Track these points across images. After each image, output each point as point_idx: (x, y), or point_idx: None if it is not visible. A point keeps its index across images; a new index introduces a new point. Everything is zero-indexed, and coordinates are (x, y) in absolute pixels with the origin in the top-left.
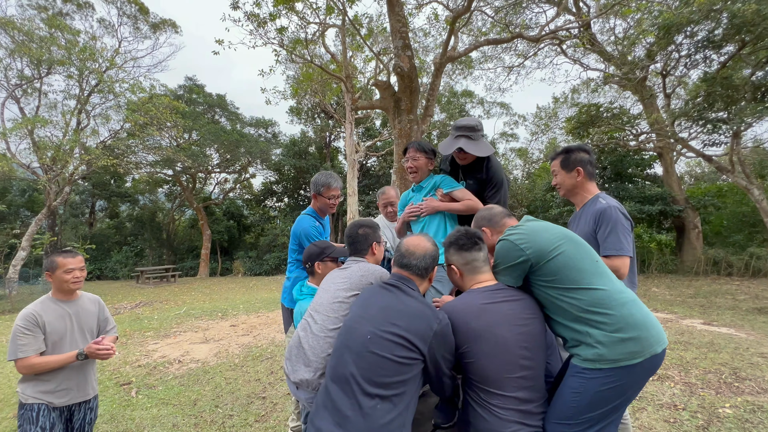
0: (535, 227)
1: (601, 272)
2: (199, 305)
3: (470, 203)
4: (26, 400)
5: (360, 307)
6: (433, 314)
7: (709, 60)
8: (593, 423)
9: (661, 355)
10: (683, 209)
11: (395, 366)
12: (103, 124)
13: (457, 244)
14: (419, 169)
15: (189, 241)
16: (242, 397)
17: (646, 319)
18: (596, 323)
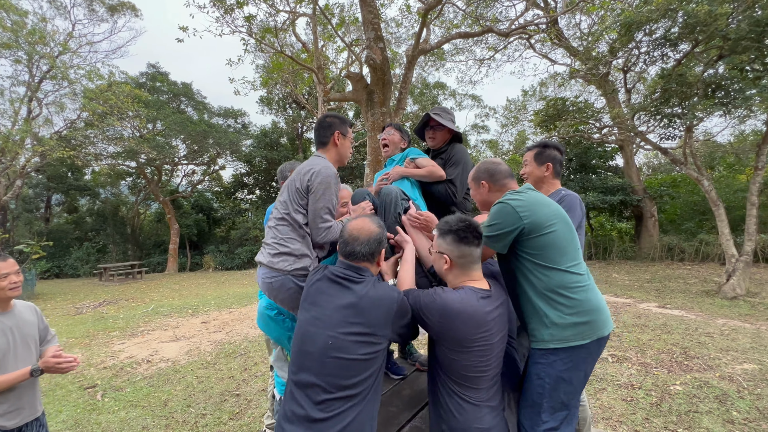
0: (536, 198)
1: (578, 257)
2: (168, 302)
3: (432, 169)
4: None
5: (313, 308)
6: (389, 296)
7: (666, 57)
8: (561, 407)
9: (606, 337)
10: (641, 199)
11: (361, 364)
12: (58, 113)
13: (458, 235)
14: (391, 144)
15: (156, 236)
16: (215, 395)
17: (598, 306)
18: (556, 304)
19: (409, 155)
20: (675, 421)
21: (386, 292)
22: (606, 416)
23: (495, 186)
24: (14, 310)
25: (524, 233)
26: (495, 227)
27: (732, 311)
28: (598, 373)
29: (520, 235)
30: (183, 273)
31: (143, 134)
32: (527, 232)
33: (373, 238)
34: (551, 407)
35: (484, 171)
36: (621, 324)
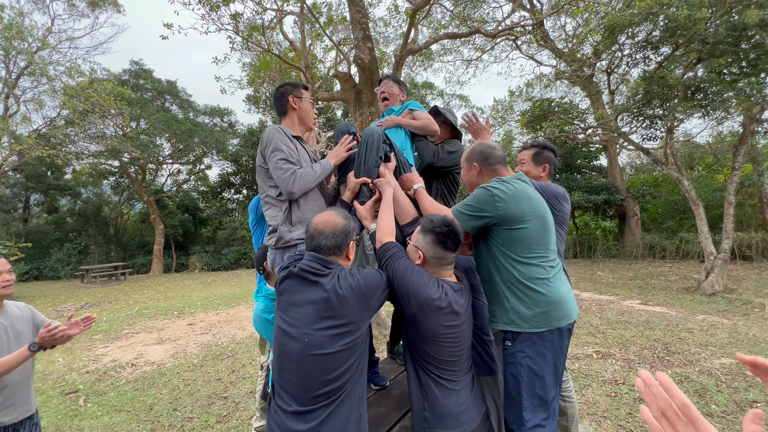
0: (519, 192)
1: (547, 252)
2: (153, 304)
3: (428, 122)
4: None
5: (287, 308)
6: (358, 283)
7: (647, 60)
8: (541, 404)
9: (564, 329)
10: (624, 198)
11: (341, 356)
12: (36, 110)
13: (438, 238)
14: (391, 96)
15: (140, 237)
16: (202, 398)
17: (559, 299)
18: (520, 294)
19: (409, 107)
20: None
21: (354, 279)
22: (591, 412)
23: (486, 170)
24: (6, 309)
25: (496, 223)
26: (470, 208)
27: (711, 307)
28: (584, 369)
29: (491, 223)
30: (168, 274)
31: (126, 133)
32: (498, 223)
33: (338, 230)
34: (531, 404)
35: (478, 153)
36: (605, 321)
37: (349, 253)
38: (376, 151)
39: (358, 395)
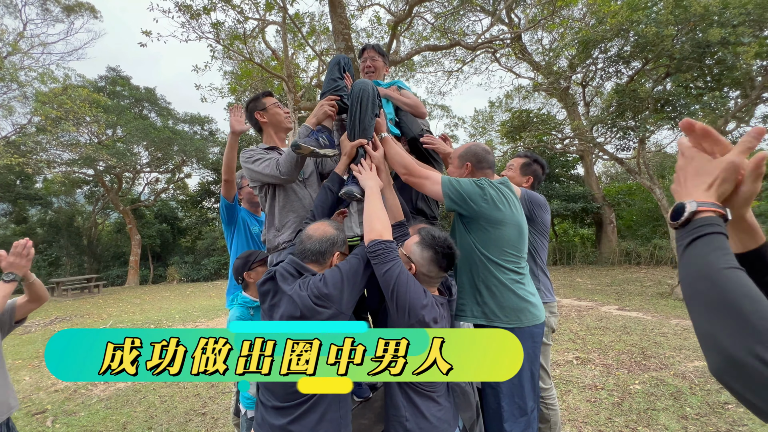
0: (503, 197)
1: (518, 259)
2: (129, 317)
3: (417, 101)
4: None
5: (270, 309)
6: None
7: (620, 73)
8: (520, 412)
9: (535, 329)
10: (601, 206)
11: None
12: (6, 116)
13: (436, 257)
14: (377, 69)
15: (115, 247)
16: (179, 415)
17: (527, 301)
18: (494, 291)
19: (398, 84)
20: (635, 419)
21: (309, 290)
22: (572, 418)
23: (477, 172)
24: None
25: (474, 215)
26: (459, 190)
27: (684, 311)
28: (564, 375)
29: (467, 215)
30: (145, 286)
31: (102, 140)
32: (475, 218)
33: (326, 238)
34: (512, 415)
35: (473, 154)
36: (585, 327)
37: (333, 264)
38: (372, 107)
39: (338, 397)
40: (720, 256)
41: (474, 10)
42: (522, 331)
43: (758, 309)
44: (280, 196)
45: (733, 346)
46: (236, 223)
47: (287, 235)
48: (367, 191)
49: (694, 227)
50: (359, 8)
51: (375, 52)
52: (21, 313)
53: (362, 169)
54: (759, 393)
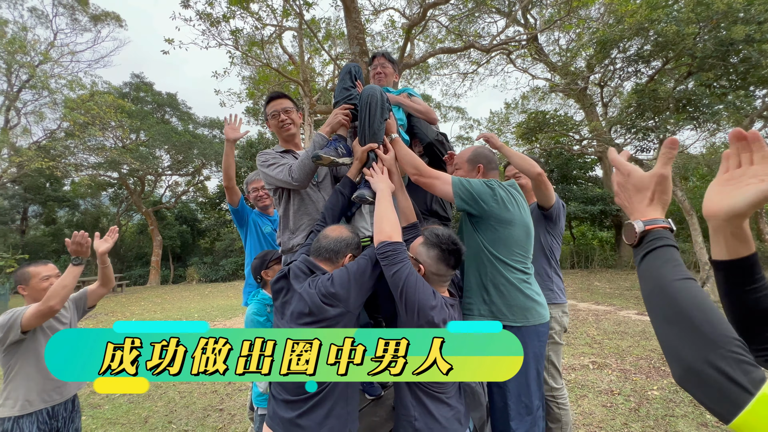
0: (513, 199)
1: (524, 259)
2: (150, 316)
3: (429, 108)
4: (13, 410)
5: (282, 306)
6: (327, 288)
7: (639, 73)
8: (526, 411)
9: (540, 328)
10: (620, 209)
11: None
12: (37, 122)
13: (443, 255)
14: (387, 76)
15: (138, 248)
16: (198, 410)
17: (533, 300)
18: (501, 290)
19: (408, 92)
20: (652, 425)
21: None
22: (586, 423)
23: (489, 173)
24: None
25: (485, 215)
26: (469, 190)
27: None
28: (580, 380)
29: (476, 214)
30: (165, 285)
31: (126, 144)
32: (487, 215)
33: (341, 239)
34: (518, 413)
35: (485, 156)
36: (602, 331)
37: (343, 263)
38: (381, 112)
39: (345, 394)
40: (671, 269)
41: (489, 11)
42: (528, 330)
43: (709, 318)
44: (295, 200)
45: (689, 356)
46: (247, 224)
47: (301, 237)
48: (378, 194)
49: (645, 243)
50: (374, 12)
51: (385, 59)
52: (92, 300)
53: (374, 173)
54: (716, 399)
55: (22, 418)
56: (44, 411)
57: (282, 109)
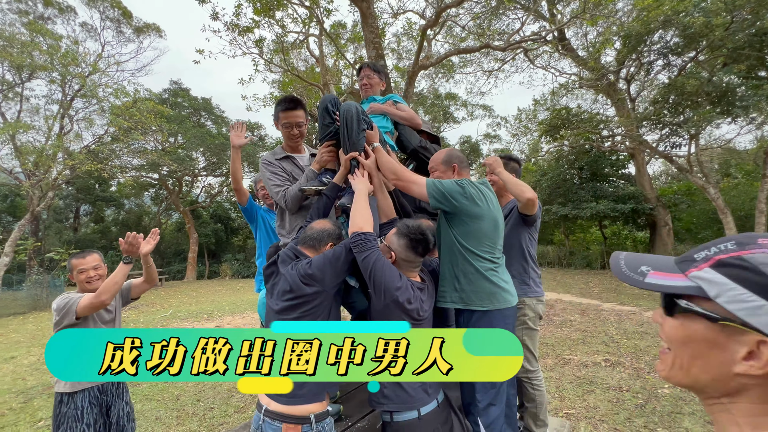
0: (483, 195)
1: (494, 250)
2: (186, 308)
3: (413, 114)
4: (63, 388)
5: (272, 288)
6: (305, 270)
7: (670, 66)
8: (489, 385)
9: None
10: (654, 207)
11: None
12: (87, 128)
13: (411, 243)
14: (373, 86)
15: (176, 245)
16: (223, 391)
17: (500, 286)
18: (470, 278)
19: (393, 99)
20: (657, 421)
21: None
22: (589, 416)
23: (462, 171)
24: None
25: (454, 214)
26: (441, 190)
27: None
28: (589, 376)
29: (450, 211)
30: (201, 281)
31: (165, 147)
32: (456, 214)
33: (324, 230)
34: (483, 387)
35: (456, 157)
36: (621, 331)
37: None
38: (357, 124)
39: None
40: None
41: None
42: (494, 313)
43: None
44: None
45: None
46: (257, 220)
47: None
48: (356, 193)
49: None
50: (393, 15)
51: (370, 70)
52: (136, 293)
53: (355, 176)
54: None
55: (75, 394)
56: (95, 388)
57: (295, 123)
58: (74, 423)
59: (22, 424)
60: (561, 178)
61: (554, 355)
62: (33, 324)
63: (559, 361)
